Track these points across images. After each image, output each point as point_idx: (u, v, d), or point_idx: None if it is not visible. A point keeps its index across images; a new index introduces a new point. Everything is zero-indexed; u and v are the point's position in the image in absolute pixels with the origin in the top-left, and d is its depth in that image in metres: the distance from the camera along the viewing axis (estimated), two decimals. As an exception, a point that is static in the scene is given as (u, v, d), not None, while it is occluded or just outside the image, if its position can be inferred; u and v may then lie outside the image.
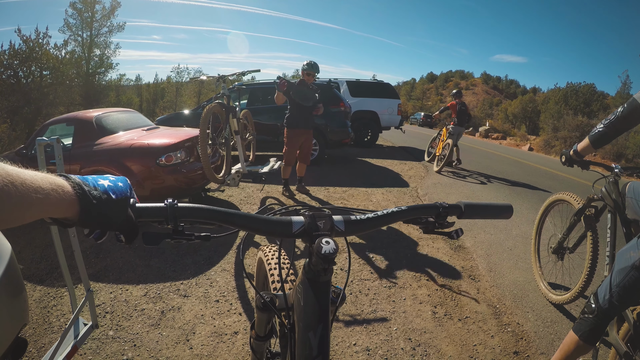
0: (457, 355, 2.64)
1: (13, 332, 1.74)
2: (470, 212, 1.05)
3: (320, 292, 0.87)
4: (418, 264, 3.95)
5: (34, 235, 4.36)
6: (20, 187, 0.55)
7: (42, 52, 16.86)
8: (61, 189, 0.65)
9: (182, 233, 0.83)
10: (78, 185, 0.69)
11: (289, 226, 0.89)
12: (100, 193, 0.72)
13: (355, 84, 13.54)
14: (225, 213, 0.86)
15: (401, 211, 0.99)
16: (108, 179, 0.78)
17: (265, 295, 1.10)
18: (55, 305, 3.07)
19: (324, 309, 0.86)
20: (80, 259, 2.22)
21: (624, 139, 15.84)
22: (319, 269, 0.84)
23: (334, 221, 0.91)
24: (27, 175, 0.58)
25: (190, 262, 3.78)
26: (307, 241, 0.88)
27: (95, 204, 0.71)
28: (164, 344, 2.61)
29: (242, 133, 5.18)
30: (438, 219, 1.02)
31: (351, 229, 0.93)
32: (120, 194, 0.77)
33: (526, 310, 3.27)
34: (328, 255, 0.79)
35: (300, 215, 0.92)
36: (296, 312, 0.92)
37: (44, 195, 0.60)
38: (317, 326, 0.84)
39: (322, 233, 0.86)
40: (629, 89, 39.62)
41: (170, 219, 0.80)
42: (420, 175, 8.80)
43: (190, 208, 0.83)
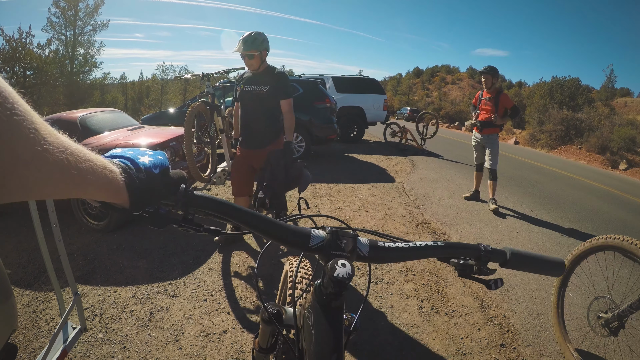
0: (444, 348, 2.68)
1: (2, 338, 1.73)
2: (517, 262, 0.90)
3: (332, 319, 0.78)
4: (405, 260, 3.97)
5: (21, 239, 4.32)
6: (72, 163, 0.53)
7: (25, 51, 16.66)
8: (110, 173, 0.65)
9: (191, 222, 0.81)
10: (125, 172, 0.69)
11: (307, 238, 0.81)
12: (144, 174, 0.73)
13: (340, 79, 13.57)
14: (240, 211, 0.81)
15: (437, 246, 0.88)
16: (147, 154, 0.78)
17: (270, 308, 1.03)
18: (44, 310, 3.06)
19: (337, 338, 0.76)
20: (66, 263, 2.22)
21: (609, 131, 16.05)
22: (329, 293, 0.76)
23: (358, 243, 0.83)
24: (81, 153, 0.57)
25: (177, 262, 3.78)
26: (323, 259, 0.81)
27: (143, 189, 0.71)
28: (153, 344, 2.62)
29: (228, 131, 5.17)
30: (478, 262, 0.89)
31: (376, 255, 0.84)
32: (162, 167, 0.78)
33: (512, 303, 3.33)
34: (341, 280, 0.71)
35: (322, 229, 0.85)
36: (305, 338, 0.84)
37: (95, 178, 0.59)
38: (330, 357, 0.75)
39: (341, 254, 0.79)
40: (613, 83, 40.22)
41: (181, 206, 0.78)
42: (406, 170, 8.86)
43: (205, 198, 0.80)
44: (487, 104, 5.90)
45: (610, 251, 2.48)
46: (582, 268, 2.68)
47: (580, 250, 2.62)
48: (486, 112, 5.91)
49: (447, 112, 38.59)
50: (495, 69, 5.83)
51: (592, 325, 2.51)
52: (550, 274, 0.95)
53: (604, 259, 2.58)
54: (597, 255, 2.57)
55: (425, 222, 5.17)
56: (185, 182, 0.80)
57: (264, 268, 3.68)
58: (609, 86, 40.46)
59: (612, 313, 2.36)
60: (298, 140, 8.92)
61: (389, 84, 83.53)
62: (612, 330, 2.36)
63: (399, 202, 6.03)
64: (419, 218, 5.33)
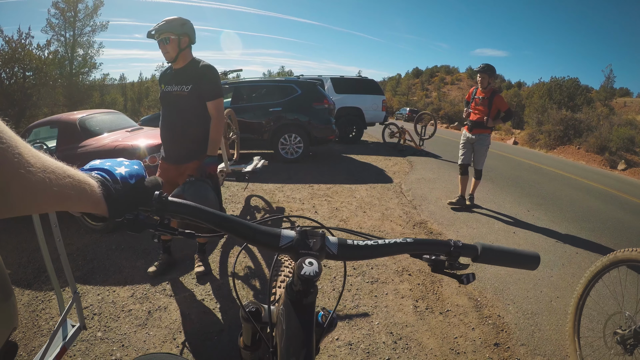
0: (438, 348, 2.71)
1: (3, 336, 1.76)
2: (488, 256, 0.91)
3: (303, 315, 0.80)
4: (399, 259, 4.02)
5: (21, 240, 4.36)
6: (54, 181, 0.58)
7: (25, 52, 16.66)
8: (89, 187, 0.69)
9: (166, 226, 0.85)
10: (102, 184, 0.74)
11: (277, 239, 0.84)
12: (121, 184, 0.78)
13: (339, 80, 13.58)
14: (212, 214, 0.83)
15: (406, 243, 0.90)
16: (123, 165, 0.83)
17: (249, 306, 1.05)
18: (44, 309, 3.09)
19: (307, 333, 0.78)
20: (66, 262, 2.25)
21: (607, 131, 16.06)
22: (298, 291, 0.79)
23: (327, 242, 0.86)
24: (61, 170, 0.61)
25: (175, 261, 3.81)
26: (293, 258, 0.84)
27: (120, 199, 0.76)
28: (151, 343, 2.65)
29: (226, 132, 5.20)
30: (450, 258, 0.91)
31: (345, 253, 0.87)
32: (137, 177, 0.83)
33: (507, 302, 3.36)
34: (308, 277, 0.74)
35: (293, 230, 0.87)
36: (278, 333, 0.87)
37: (74, 192, 0.64)
38: (300, 351, 0.76)
39: (309, 252, 0.82)
40: (612, 83, 40.17)
41: (157, 211, 0.81)
42: (404, 170, 8.89)
43: (178, 203, 0.82)
44: (480, 104, 5.80)
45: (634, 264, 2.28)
46: (604, 281, 2.49)
47: (599, 266, 2.44)
48: (478, 112, 5.82)
49: (446, 112, 38.59)
50: (493, 67, 5.70)
51: (607, 342, 2.38)
52: (525, 268, 0.95)
53: (625, 273, 2.45)
54: (619, 270, 2.41)
55: (422, 223, 5.20)
56: (159, 189, 0.84)
57: (260, 269, 3.71)
58: (608, 86, 40.41)
59: (629, 330, 2.21)
60: (297, 141, 8.95)
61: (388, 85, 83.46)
62: (628, 348, 2.20)
63: (396, 203, 6.06)
64: (416, 218, 5.36)
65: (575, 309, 2.57)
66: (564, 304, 3.36)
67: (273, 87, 9.54)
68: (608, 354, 2.37)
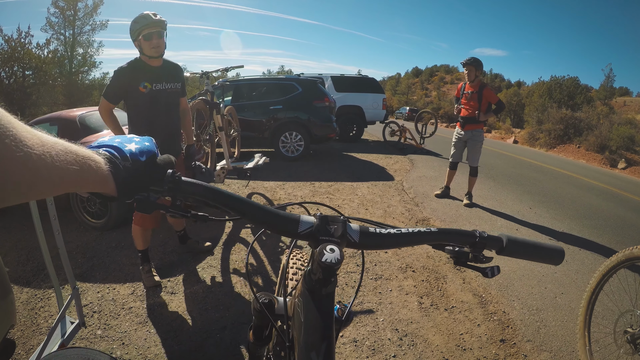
0: (444, 344, 2.67)
1: (1, 333, 1.73)
2: (513, 248, 0.86)
3: (322, 306, 0.76)
4: (403, 255, 3.98)
5: (20, 238, 4.32)
6: (55, 157, 0.54)
7: (25, 51, 16.63)
8: (95, 163, 0.65)
9: (179, 208, 0.80)
10: (109, 161, 0.69)
11: (296, 224, 0.79)
12: (131, 162, 0.73)
13: (339, 79, 13.57)
14: (228, 196, 0.78)
15: (430, 232, 0.85)
16: (134, 141, 0.78)
17: (262, 298, 1.01)
18: (43, 307, 3.05)
19: (327, 326, 0.74)
20: (65, 256, 2.21)
21: (607, 130, 16.04)
22: (318, 279, 0.75)
23: (348, 229, 0.80)
24: (62, 145, 0.57)
25: (177, 259, 3.78)
26: (312, 245, 0.79)
27: (129, 177, 0.72)
28: (152, 341, 2.61)
29: (227, 129, 5.17)
30: (474, 250, 0.86)
31: (367, 241, 0.81)
32: (149, 154, 0.78)
33: (512, 298, 3.32)
34: (329, 265, 0.69)
35: (312, 216, 0.82)
36: (296, 326, 0.83)
37: (79, 167, 0.59)
38: (320, 345, 0.72)
39: (330, 239, 0.77)
40: (612, 82, 40.27)
41: (169, 191, 0.77)
42: (405, 168, 8.86)
43: (192, 184, 0.78)
44: (470, 99, 5.74)
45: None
46: (618, 277, 2.44)
47: (609, 264, 2.39)
48: (469, 107, 5.76)
49: (446, 111, 38.61)
50: (479, 60, 5.64)
51: (617, 340, 2.33)
52: (549, 262, 0.90)
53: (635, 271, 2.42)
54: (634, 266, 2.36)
55: (425, 220, 5.17)
56: (172, 168, 0.79)
57: (264, 264, 3.68)
58: (607, 85, 40.51)
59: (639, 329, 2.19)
60: (297, 139, 8.93)
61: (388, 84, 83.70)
62: (638, 348, 2.17)
63: (398, 200, 6.03)
64: (418, 215, 5.33)
65: (587, 303, 2.51)
66: (568, 300, 3.33)
67: (274, 85, 9.52)
68: (617, 352, 2.31)
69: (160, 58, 3.08)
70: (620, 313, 2.36)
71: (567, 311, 3.15)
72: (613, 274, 2.41)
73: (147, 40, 2.93)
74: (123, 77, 2.97)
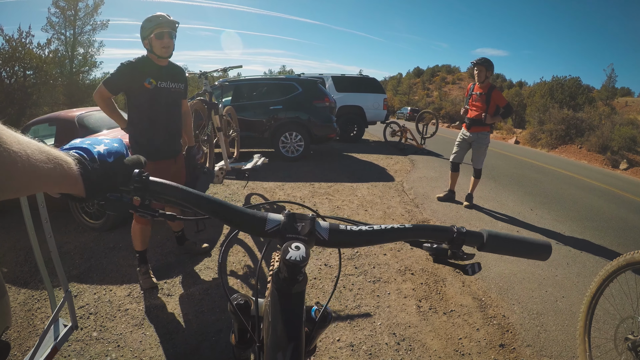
0: (442, 349, 2.64)
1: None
2: (494, 244, 0.83)
3: (291, 306, 0.75)
4: (402, 258, 3.96)
5: (18, 238, 4.30)
6: (31, 155, 0.56)
7: (25, 51, 16.61)
8: (66, 164, 0.67)
9: (147, 207, 0.80)
10: (79, 162, 0.71)
11: (263, 222, 0.78)
12: (99, 163, 0.75)
13: (340, 79, 13.54)
14: (195, 195, 0.78)
15: (404, 229, 0.83)
16: (103, 143, 0.80)
17: (238, 299, 0.98)
18: (40, 308, 3.04)
19: (295, 326, 0.73)
20: (57, 260, 2.19)
21: (609, 131, 16.00)
22: (285, 278, 0.73)
23: (317, 226, 0.80)
24: (35, 145, 0.59)
25: (174, 261, 3.76)
26: (280, 243, 0.76)
27: (97, 178, 0.73)
28: (147, 343, 2.59)
29: (226, 130, 5.15)
30: (452, 246, 0.83)
31: (337, 239, 0.80)
32: (117, 155, 0.80)
33: (512, 302, 3.29)
34: (294, 262, 0.69)
35: (280, 214, 0.81)
36: (264, 326, 0.82)
37: (52, 166, 0.61)
38: (287, 346, 0.70)
39: (297, 237, 0.76)
40: (614, 83, 40.18)
41: (136, 191, 0.77)
42: (406, 169, 8.82)
43: (160, 184, 0.78)
44: (477, 100, 5.66)
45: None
46: (619, 282, 2.38)
47: (609, 269, 2.34)
48: (476, 109, 5.67)
49: (447, 111, 38.57)
50: (490, 61, 5.54)
51: (618, 346, 2.28)
52: (535, 258, 0.87)
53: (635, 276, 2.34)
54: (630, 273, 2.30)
55: (424, 221, 5.14)
56: (141, 167, 0.79)
57: (262, 265, 3.65)
58: (609, 86, 40.45)
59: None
60: (297, 139, 8.90)
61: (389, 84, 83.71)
62: (639, 354, 2.12)
63: (398, 201, 6.00)
64: (418, 217, 5.30)
65: (587, 308, 2.47)
66: (569, 303, 3.30)
67: (274, 85, 9.49)
68: (618, 359, 2.28)
69: (168, 59, 3.11)
70: (621, 319, 2.31)
71: (568, 315, 3.12)
72: (614, 278, 2.35)
73: (158, 39, 2.95)
74: (129, 70, 2.96)
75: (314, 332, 0.91)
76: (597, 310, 2.46)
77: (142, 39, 3.03)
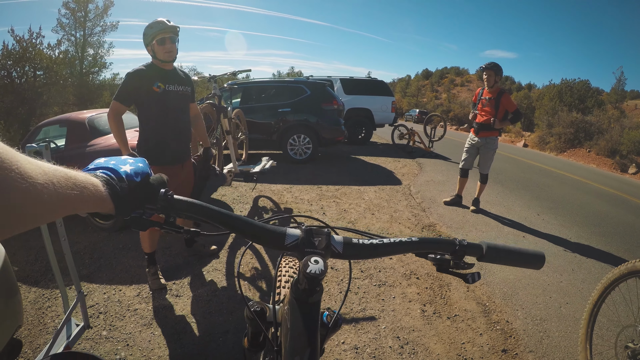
0: (445, 353, 2.67)
1: (8, 333, 1.77)
2: (493, 255, 0.91)
3: (308, 314, 0.80)
4: (407, 262, 3.99)
5: (28, 237, 4.37)
6: (57, 185, 0.57)
7: (36, 52, 16.75)
8: (93, 186, 0.69)
9: (172, 224, 0.85)
10: (106, 183, 0.73)
11: (282, 237, 0.84)
12: (126, 183, 0.77)
13: (349, 81, 13.55)
14: (218, 213, 0.83)
15: (411, 242, 0.89)
16: (128, 163, 0.82)
17: (254, 306, 1.05)
18: (50, 307, 3.09)
19: (312, 332, 0.78)
20: (70, 261, 2.25)
21: (618, 134, 15.90)
22: (304, 289, 0.78)
23: (332, 240, 0.85)
24: (62, 173, 0.60)
25: (182, 262, 3.81)
26: (298, 257, 0.83)
27: (126, 197, 0.76)
28: (156, 343, 2.64)
29: (234, 132, 5.20)
30: (454, 257, 0.91)
31: (350, 252, 0.86)
32: (143, 174, 0.82)
33: (515, 308, 3.31)
34: (314, 275, 0.74)
35: (298, 229, 0.87)
36: (283, 332, 0.87)
37: (79, 192, 0.63)
38: (304, 351, 0.76)
39: (315, 251, 0.81)
40: (623, 85, 39.85)
41: (163, 209, 0.81)
42: (413, 172, 8.84)
43: (184, 202, 0.82)
44: (487, 104, 5.64)
45: None
46: (620, 290, 2.38)
47: (612, 276, 2.35)
48: (485, 113, 5.65)
49: (456, 114, 38.44)
50: (499, 66, 5.53)
51: (618, 354, 2.29)
52: (530, 267, 0.95)
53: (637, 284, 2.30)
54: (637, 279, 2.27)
55: (431, 225, 5.16)
56: (165, 187, 0.84)
57: (267, 270, 3.70)
58: (619, 89, 40.10)
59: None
60: (305, 141, 8.95)
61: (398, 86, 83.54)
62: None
63: (405, 205, 6.03)
64: (425, 221, 5.33)
65: (589, 316, 2.49)
66: (573, 310, 3.31)
67: (282, 87, 9.53)
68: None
69: (172, 63, 3.16)
70: (621, 327, 2.33)
71: (572, 322, 3.13)
72: (615, 286, 2.37)
73: (160, 44, 3.00)
74: (136, 78, 3.00)
75: (326, 337, 0.97)
76: (599, 317, 2.48)
77: (145, 46, 3.09)
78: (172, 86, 3.13)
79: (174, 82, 3.16)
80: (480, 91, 5.83)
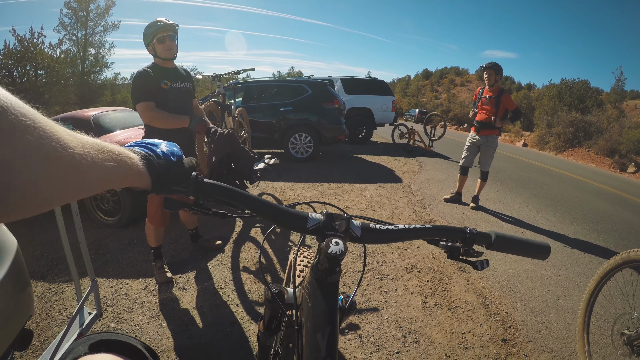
0: (447, 342, 2.74)
1: (19, 323, 1.83)
2: (501, 244, 0.96)
3: (328, 293, 0.84)
4: (409, 256, 4.06)
5: (35, 233, 4.43)
6: (95, 156, 0.58)
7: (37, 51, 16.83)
8: (131, 160, 0.71)
9: (201, 206, 0.90)
10: (145, 158, 0.77)
11: (304, 221, 0.88)
12: (164, 160, 0.82)
13: (349, 81, 13.63)
14: (244, 196, 0.87)
15: (424, 229, 0.95)
16: (164, 144, 0.87)
17: (273, 288, 1.10)
18: (57, 300, 3.15)
19: (332, 311, 0.82)
20: (85, 250, 2.31)
21: (617, 134, 15.97)
22: (325, 269, 0.82)
23: (352, 225, 0.90)
24: (99, 145, 0.61)
25: (188, 256, 3.87)
26: (319, 240, 0.86)
27: (163, 173, 0.80)
28: (164, 334, 2.70)
29: (238, 131, 5.26)
30: (465, 245, 0.95)
31: (368, 236, 0.91)
32: (178, 156, 0.87)
33: (515, 300, 3.38)
34: (335, 255, 0.78)
35: (319, 213, 0.91)
36: (304, 312, 0.91)
37: (116, 164, 0.65)
38: (325, 328, 0.80)
39: (335, 234, 0.85)
40: (623, 85, 39.91)
41: (193, 191, 0.86)
42: (413, 171, 8.91)
43: (213, 185, 0.86)
44: (487, 103, 5.70)
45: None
46: (616, 279, 2.46)
47: (609, 265, 2.42)
48: (485, 112, 5.73)
49: (455, 114, 38.51)
50: (499, 65, 5.61)
51: (614, 342, 2.38)
52: (536, 257, 0.99)
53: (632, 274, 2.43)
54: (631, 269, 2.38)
55: (431, 222, 5.22)
56: (195, 170, 0.89)
57: (273, 262, 3.76)
58: (618, 88, 40.22)
59: (636, 331, 2.22)
60: (307, 140, 9.03)
61: (398, 86, 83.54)
62: (634, 350, 2.19)
63: (406, 202, 6.09)
64: (425, 217, 5.39)
65: (586, 305, 2.55)
66: (571, 302, 3.38)
67: (283, 87, 9.61)
68: (615, 354, 2.37)
69: (173, 61, 3.23)
70: (617, 315, 2.40)
71: (569, 313, 3.20)
72: (611, 276, 2.44)
73: (160, 43, 3.07)
74: (145, 77, 3.05)
75: (342, 319, 1.04)
76: (596, 307, 2.55)
77: (145, 46, 3.16)
78: (175, 83, 3.22)
79: (177, 79, 3.24)
80: (481, 90, 5.91)
